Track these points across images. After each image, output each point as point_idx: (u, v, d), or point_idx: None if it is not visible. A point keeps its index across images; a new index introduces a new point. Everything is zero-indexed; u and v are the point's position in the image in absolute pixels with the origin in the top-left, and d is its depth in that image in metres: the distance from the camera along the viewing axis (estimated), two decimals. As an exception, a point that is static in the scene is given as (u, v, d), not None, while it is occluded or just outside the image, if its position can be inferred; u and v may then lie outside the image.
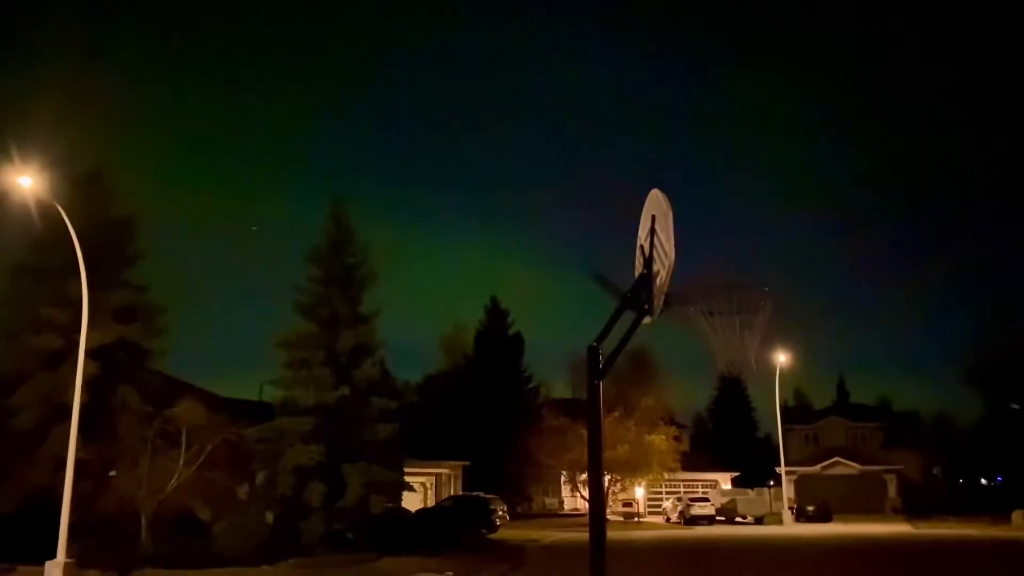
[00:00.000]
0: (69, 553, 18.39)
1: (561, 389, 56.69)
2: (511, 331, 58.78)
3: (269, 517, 25.50)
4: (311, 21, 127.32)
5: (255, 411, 29.27)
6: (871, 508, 54.19)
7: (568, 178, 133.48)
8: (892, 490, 58.24)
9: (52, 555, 18.26)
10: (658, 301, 7.61)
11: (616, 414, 41.85)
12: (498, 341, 57.70)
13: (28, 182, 18.66)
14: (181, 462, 23.24)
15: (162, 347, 26.53)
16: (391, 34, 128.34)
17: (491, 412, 50.51)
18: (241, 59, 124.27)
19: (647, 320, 7.84)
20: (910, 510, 52.70)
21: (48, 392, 23.16)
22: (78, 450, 19.38)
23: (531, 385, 58.37)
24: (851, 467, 58.88)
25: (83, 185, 24.78)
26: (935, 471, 66.56)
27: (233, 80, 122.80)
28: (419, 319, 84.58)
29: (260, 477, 27.20)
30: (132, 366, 25.38)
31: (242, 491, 27.55)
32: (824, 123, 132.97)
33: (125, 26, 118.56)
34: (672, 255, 7.37)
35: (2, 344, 24.63)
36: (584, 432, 41.80)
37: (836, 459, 59.45)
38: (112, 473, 24.07)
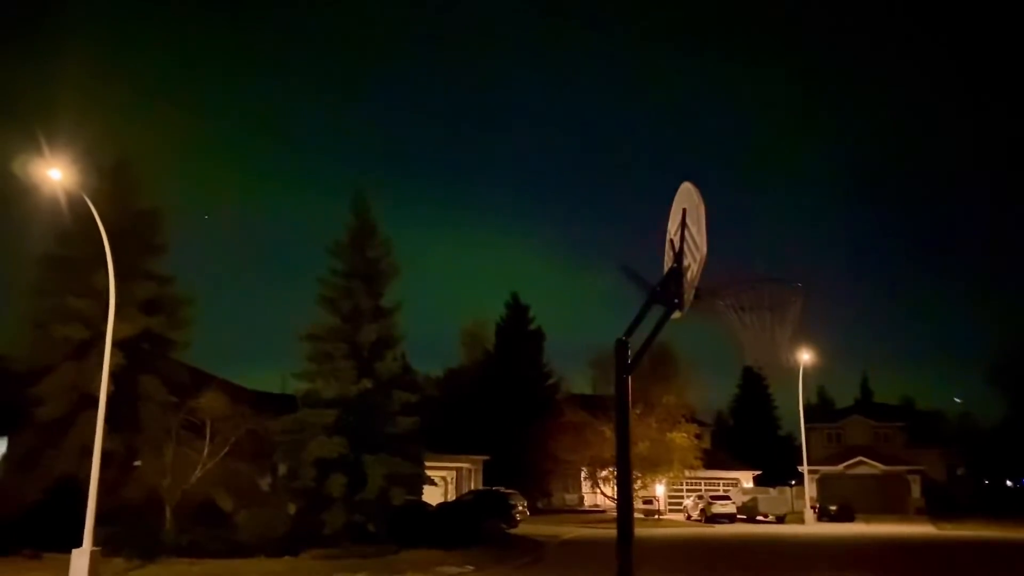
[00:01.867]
0: (95, 541, 18.56)
1: (581, 384, 56.61)
2: (532, 326, 58.73)
3: (291, 508, 25.63)
4: (340, 11, 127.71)
5: (278, 403, 29.43)
6: (894, 508, 53.69)
7: (589, 174, 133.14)
8: (915, 490, 57.67)
9: (78, 543, 18.43)
10: (689, 295, 7.53)
11: (637, 411, 41.66)
12: (519, 336, 57.67)
13: (57, 174, 18.77)
14: (205, 452, 23.42)
15: (186, 338, 26.79)
16: (419, 29, 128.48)
17: (511, 407, 50.49)
18: (268, 50, 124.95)
19: (676, 314, 7.75)
20: (934, 511, 52.13)
21: (75, 382, 23.41)
22: (104, 440, 19.54)
23: (551, 380, 58.29)
24: (874, 467, 58.35)
25: (110, 177, 25.06)
26: (959, 472, 65.81)
27: (260, 71, 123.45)
28: (440, 313, 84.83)
29: (282, 468, 27.36)
30: (157, 357, 25.62)
31: (264, 482, 27.72)
32: (855, 119, 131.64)
33: (151, 18, 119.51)
34: (704, 249, 7.29)
35: (30, 334, 24.90)
36: (603, 428, 42.06)
37: (859, 458, 58.93)
38: (137, 463, 24.31)
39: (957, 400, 64.37)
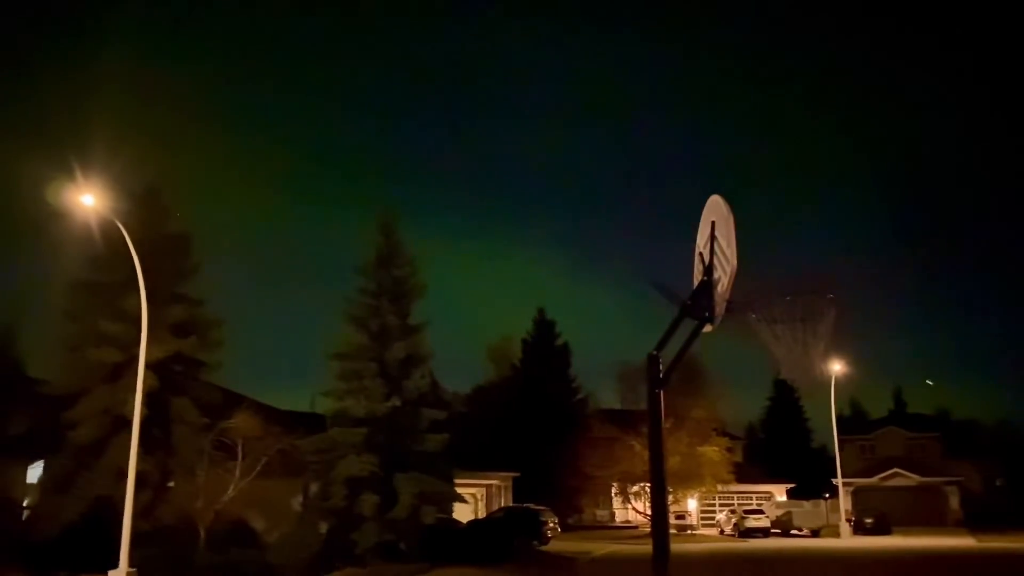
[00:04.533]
0: (130, 563, 18.70)
1: (609, 399, 56.22)
2: (559, 342, 58.53)
3: (323, 527, 25.68)
4: (362, 30, 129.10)
5: (308, 422, 29.57)
6: (932, 521, 52.66)
7: (613, 188, 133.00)
8: (954, 502, 56.55)
9: (114, 564, 18.60)
10: (720, 308, 7.48)
11: (667, 425, 40.88)
12: (546, 351, 57.46)
13: (90, 200, 19.07)
14: (237, 473, 23.58)
15: (217, 359, 26.98)
16: (442, 44, 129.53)
17: (540, 423, 50.25)
18: (294, 67, 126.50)
19: (708, 328, 7.70)
20: (973, 523, 51.07)
21: (108, 405, 23.69)
22: (138, 462, 19.73)
23: (579, 396, 57.94)
24: (910, 478, 57.35)
25: (141, 202, 25.45)
26: (998, 482, 64.44)
27: (285, 88, 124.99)
28: (467, 330, 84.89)
29: (313, 488, 27.44)
30: (189, 379, 25.86)
31: (296, 501, 27.82)
32: (892, 133, 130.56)
33: (181, 39, 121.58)
34: (734, 261, 7.24)
35: (65, 358, 25.23)
36: (633, 443, 41.69)
37: (894, 470, 57.94)
38: (170, 484, 24.52)
39: (929, 383, 63.03)
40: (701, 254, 7.99)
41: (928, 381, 60.07)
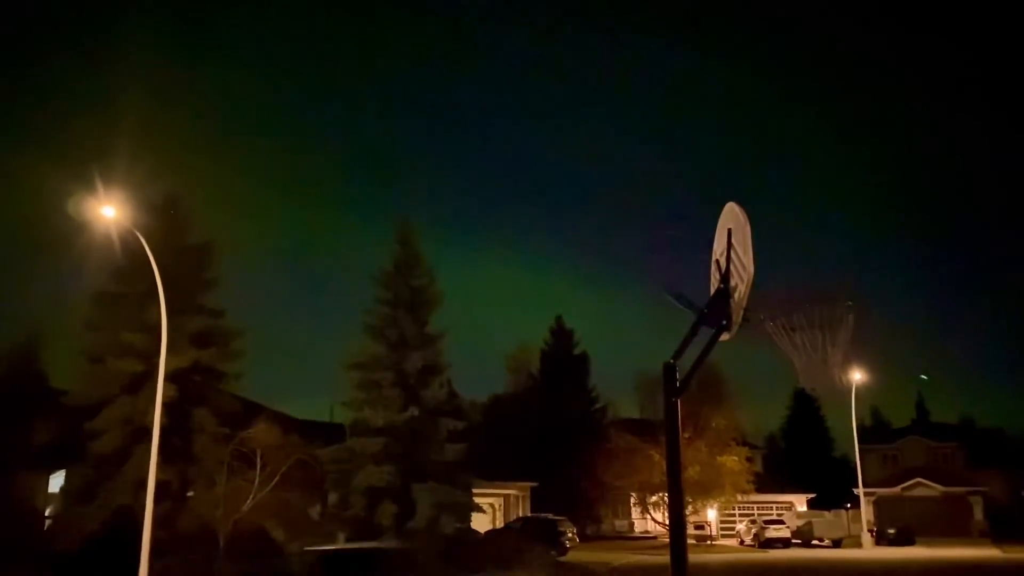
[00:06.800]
0: (150, 573, 18.76)
1: (628, 408, 55.98)
2: (577, 351, 58.40)
3: (341, 537, 25.71)
4: (377, 37, 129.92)
5: (327, 432, 29.67)
6: (956, 531, 51.95)
7: (631, 196, 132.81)
8: (978, 512, 55.77)
9: (134, 574, 18.67)
10: (737, 316, 7.43)
11: (687, 435, 41.01)
12: (564, 361, 57.34)
13: (111, 212, 19.22)
14: (256, 483, 23.64)
15: (237, 370, 27.12)
16: (457, 54, 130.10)
17: (558, 432, 50.10)
18: (308, 79, 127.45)
19: (725, 336, 7.66)
20: (998, 534, 50.33)
21: (129, 415, 23.87)
22: (158, 472, 19.84)
23: (598, 405, 57.75)
24: (933, 488, 56.64)
25: (161, 213, 25.66)
26: (1023, 492, 63.51)
27: (298, 101, 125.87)
28: (484, 339, 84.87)
29: (333, 497, 27.51)
30: (209, 389, 26.01)
31: (315, 511, 27.86)
32: (909, 139, 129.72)
33: (197, 53, 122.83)
34: (751, 269, 7.19)
35: (86, 368, 25.46)
36: (652, 452, 41.48)
37: (917, 480, 57.25)
38: (190, 494, 24.64)
39: (923, 377, 62.00)
40: (717, 262, 7.96)
41: (922, 376, 59.22)
